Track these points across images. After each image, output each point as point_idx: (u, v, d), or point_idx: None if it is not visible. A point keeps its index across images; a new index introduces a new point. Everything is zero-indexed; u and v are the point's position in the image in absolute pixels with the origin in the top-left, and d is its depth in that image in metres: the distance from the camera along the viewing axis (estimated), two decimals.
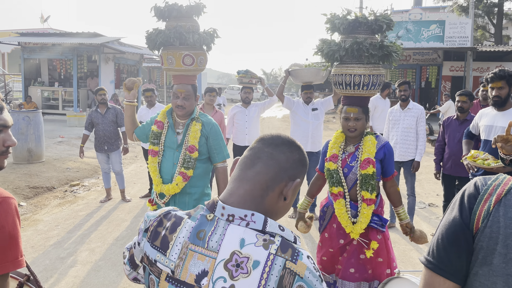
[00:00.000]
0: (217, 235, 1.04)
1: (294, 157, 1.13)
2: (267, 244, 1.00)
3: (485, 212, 0.99)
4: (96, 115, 6.49)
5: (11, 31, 23.81)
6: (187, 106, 2.98)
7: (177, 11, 2.96)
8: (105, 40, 15.89)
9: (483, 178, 1.06)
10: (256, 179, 1.09)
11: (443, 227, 1.06)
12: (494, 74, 3.50)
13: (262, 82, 6.02)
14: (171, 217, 1.14)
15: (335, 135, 3.01)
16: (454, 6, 23.95)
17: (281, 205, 1.12)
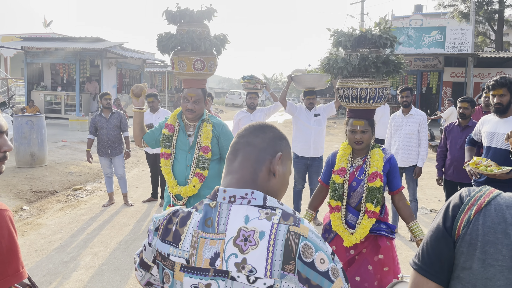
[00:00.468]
0: (223, 218, 1.11)
1: (268, 136, 1.22)
2: (269, 216, 1.08)
3: (466, 221, 1.08)
4: (100, 120, 6.53)
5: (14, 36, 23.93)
6: (197, 109, 3.02)
7: (189, 16, 3.00)
8: (108, 45, 15.98)
9: (468, 190, 1.14)
10: (242, 167, 1.18)
11: (429, 233, 1.16)
12: (496, 82, 3.53)
13: (267, 87, 6.05)
14: (179, 214, 1.20)
15: (342, 147, 3.00)
16: (455, 13, 24.05)
17: (274, 182, 1.20)
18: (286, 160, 1.24)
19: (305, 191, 6.06)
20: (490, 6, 23.30)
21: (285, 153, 1.23)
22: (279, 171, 1.20)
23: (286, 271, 1.02)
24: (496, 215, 1.03)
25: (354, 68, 2.79)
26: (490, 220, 1.03)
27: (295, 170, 5.88)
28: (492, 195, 1.09)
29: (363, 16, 26.62)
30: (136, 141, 3.24)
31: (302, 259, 1.02)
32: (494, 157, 3.53)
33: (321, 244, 1.06)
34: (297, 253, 1.03)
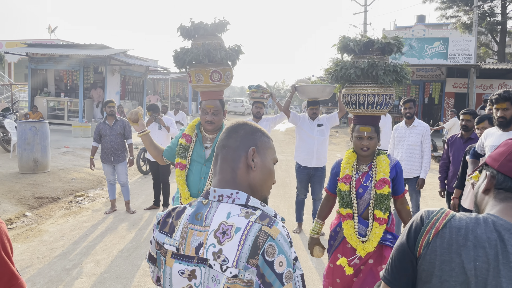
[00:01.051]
0: (211, 214, 1.24)
1: (239, 134, 1.33)
2: (248, 215, 1.20)
3: (425, 242, 1.23)
4: (104, 127, 6.57)
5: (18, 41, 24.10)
6: (216, 121, 3.04)
7: (203, 30, 3.04)
8: (112, 52, 16.07)
9: (427, 212, 1.30)
10: (221, 168, 1.31)
11: (395, 250, 1.32)
12: (499, 96, 3.55)
13: (273, 97, 6.08)
14: (176, 208, 1.34)
15: (347, 155, 3.00)
16: (457, 24, 24.16)
17: (254, 174, 1.31)
18: (264, 150, 1.34)
19: (307, 201, 6.06)
20: (492, 18, 23.41)
21: (260, 144, 1.34)
22: (257, 163, 1.31)
23: (250, 264, 1.13)
24: (450, 237, 1.19)
25: (362, 73, 2.80)
26: (446, 242, 1.19)
27: (298, 179, 5.89)
28: (447, 218, 1.24)
29: (366, 26, 26.73)
30: (158, 159, 3.27)
31: (264, 257, 1.12)
32: None
33: (286, 248, 1.15)
34: (262, 249, 1.13)
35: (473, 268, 1.14)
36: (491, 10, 23.40)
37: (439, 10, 25.67)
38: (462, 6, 24.08)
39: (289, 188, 8.56)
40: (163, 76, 26.13)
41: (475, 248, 1.15)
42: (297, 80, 5.86)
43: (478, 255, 1.14)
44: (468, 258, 1.15)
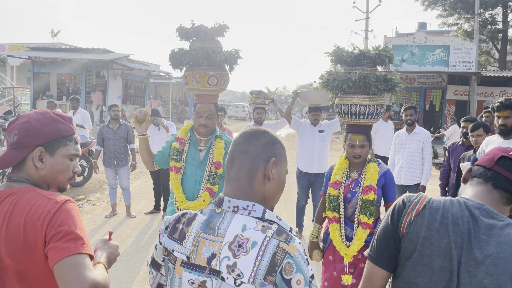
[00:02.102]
0: (224, 224, 1.21)
1: (261, 142, 1.30)
2: (265, 229, 1.18)
3: (408, 222, 1.37)
4: (108, 131, 6.59)
5: (21, 45, 24.23)
6: (209, 125, 3.06)
7: (203, 33, 3.05)
8: (115, 57, 16.14)
9: (408, 196, 1.44)
10: (238, 175, 1.28)
11: (380, 231, 1.45)
12: (500, 104, 3.56)
13: (275, 103, 6.10)
14: (187, 215, 1.32)
15: (339, 161, 3.12)
16: (458, 31, 24.23)
17: (269, 186, 1.29)
18: (281, 162, 1.32)
19: (308, 207, 6.06)
20: (494, 26, 23.48)
21: (279, 156, 1.32)
22: (274, 175, 1.29)
23: (267, 281, 1.11)
24: (429, 216, 1.33)
25: (354, 84, 2.92)
26: (426, 220, 1.33)
27: (299, 185, 5.89)
28: (425, 200, 1.38)
29: (367, 33, 26.84)
30: (148, 165, 3.22)
31: (282, 275, 1.11)
32: None
33: (303, 266, 1.14)
34: (280, 267, 1.12)
35: (450, 242, 1.27)
36: (493, 18, 23.49)
37: (441, 18, 25.75)
38: (464, 14, 24.16)
39: (289, 194, 8.56)
40: (165, 80, 26.20)
41: (451, 225, 1.29)
42: (298, 86, 5.88)
43: (454, 230, 1.28)
44: (446, 234, 1.28)
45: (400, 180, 5.34)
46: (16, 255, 1.37)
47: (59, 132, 1.54)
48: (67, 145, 1.55)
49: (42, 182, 1.53)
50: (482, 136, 4.42)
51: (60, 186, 1.58)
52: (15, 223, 1.37)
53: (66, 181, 1.58)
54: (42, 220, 1.36)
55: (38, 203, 1.40)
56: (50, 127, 1.52)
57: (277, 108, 6.12)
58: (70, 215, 1.39)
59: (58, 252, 1.31)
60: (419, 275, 1.31)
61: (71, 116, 1.64)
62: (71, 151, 1.56)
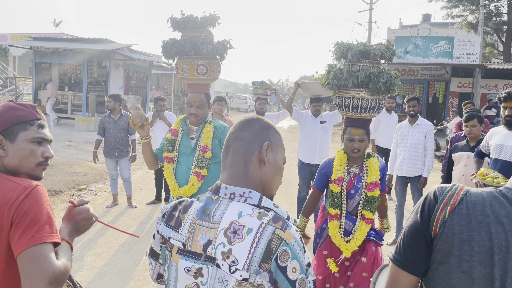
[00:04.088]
0: (220, 210, 1.20)
1: (254, 128, 1.29)
2: (261, 215, 1.16)
3: (441, 220, 1.17)
4: (109, 121, 6.56)
5: (23, 35, 24.15)
6: (200, 114, 3.07)
7: (192, 23, 3.07)
8: (116, 47, 16.07)
9: (441, 188, 1.23)
10: (233, 162, 1.27)
11: (407, 229, 1.24)
12: (508, 94, 3.52)
13: (277, 93, 6.06)
14: (183, 202, 1.31)
15: (339, 157, 3.07)
16: (463, 23, 24.02)
17: (266, 170, 1.27)
18: (276, 147, 1.31)
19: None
20: (498, 17, 23.27)
21: (274, 140, 1.30)
22: (270, 159, 1.27)
23: (262, 269, 1.10)
24: (467, 213, 1.13)
25: (359, 81, 2.90)
26: (463, 219, 1.13)
27: (300, 176, 5.87)
28: (462, 193, 1.18)
29: (371, 24, 26.63)
30: (151, 166, 3.21)
31: (277, 262, 1.09)
32: (501, 170, 3.51)
33: (299, 253, 1.12)
34: (275, 254, 1.10)
35: (493, 246, 1.08)
36: (497, 10, 23.27)
37: (445, 9, 25.55)
38: (468, 5, 23.93)
39: (291, 185, 8.55)
40: (167, 71, 26.12)
41: (494, 224, 1.09)
42: (300, 76, 5.83)
43: (497, 231, 1.08)
44: (488, 236, 1.09)
45: (402, 171, 5.31)
46: None
47: (17, 118, 1.53)
48: (27, 129, 1.54)
49: (8, 170, 1.52)
50: (476, 126, 4.42)
51: (30, 173, 1.55)
52: None
53: (35, 167, 1.56)
54: (9, 206, 1.36)
55: (6, 188, 1.40)
56: (6, 114, 1.53)
57: (279, 99, 6.08)
58: (37, 202, 1.38)
59: (21, 242, 1.31)
60: (456, 284, 1.13)
61: (34, 104, 1.65)
62: (33, 135, 1.54)
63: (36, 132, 1.56)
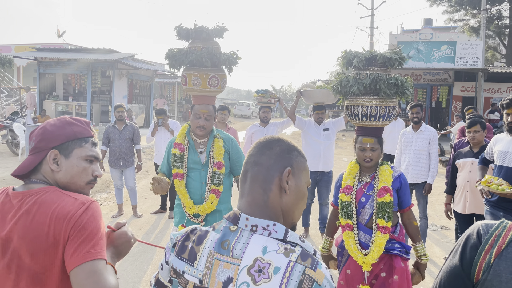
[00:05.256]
0: (240, 244, 1.09)
1: (275, 151, 1.18)
2: (288, 252, 1.05)
3: (485, 265, 1.01)
4: (113, 131, 6.60)
5: (27, 46, 24.37)
6: (207, 126, 3.03)
7: (206, 33, 3.05)
8: (120, 57, 16.19)
9: (485, 225, 1.07)
10: (252, 189, 1.17)
11: (445, 273, 1.10)
12: (510, 101, 3.52)
13: (281, 102, 6.09)
14: (197, 232, 1.20)
15: (350, 166, 2.98)
16: (465, 27, 24.05)
17: (287, 198, 1.16)
18: (299, 172, 1.20)
19: (314, 206, 6.05)
20: (500, 21, 23.27)
21: (296, 165, 1.19)
22: (291, 186, 1.17)
23: None
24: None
25: (365, 87, 2.83)
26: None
27: None
28: (511, 233, 1.02)
29: (372, 29, 26.70)
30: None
31: None
32: (506, 177, 3.51)
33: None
34: None
35: None
36: (499, 13, 23.27)
37: (446, 14, 25.57)
38: (470, 9, 23.96)
39: None
40: (170, 80, 26.24)
41: None
42: (302, 84, 5.86)
43: None
44: None
45: (407, 178, 5.30)
46: (37, 255, 1.36)
47: (73, 134, 1.52)
48: (82, 147, 1.53)
49: (59, 185, 1.50)
50: (479, 132, 4.42)
51: (80, 191, 1.54)
52: (40, 221, 1.36)
53: (85, 185, 1.55)
54: (68, 220, 1.35)
55: (64, 202, 1.39)
56: (63, 130, 1.52)
57: (283, 107, 6.11)
58: (95, 218, 1.38)
59: (77, 256, 1.30)
60: None
61: (89, 120, 1.65)
62: (87, 153, 1.54)
63: (90, 150, 1.55)
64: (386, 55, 2.87)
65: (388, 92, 2.79)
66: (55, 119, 1.56)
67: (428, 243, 5.59)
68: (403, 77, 2.97)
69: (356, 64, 2.88)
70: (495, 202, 3.63)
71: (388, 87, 2.78)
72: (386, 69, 2.92)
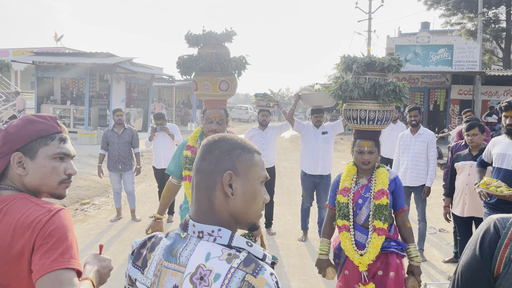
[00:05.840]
0: (187, 251, 1.06)
1: (214, 155, 1.12)
2: (230, 258, 1.02)
3: (506, 259, 1.02)
4: (112, 135, 6.60)
5: (25, 50, 24.35)
6: (220, 130, 3.08)
7: (215, 39, 3.11)
8: (118, 61, 16.20)
9: (502, 219, 1.09)
10: (197, 197, 1.13)
11: (465, 268, 1.10)
12: (508, 103, 3.54)
13: (279, 105, 6.12)
14: (152, 238, 1.17)
15: (347, 168, 3.05)
16: (462, 31, 24.16)
17: (235, 202, 1.10)
18: (245, 171, 1.12)
19: (313, 209, 6.05)
20: (497, 24, 23.40)
21: (239, 165, 1.11)
22: (236, 189, 1.10)
23: None
24: None
25: (364, 92, 2.90)
26: None
27: (303, 188, 5.88)
28: None
29: (370, 33, 26.79)
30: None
31: None
32: (504, 179, 3.52)
33: None
34: None
35: None
36: (496, 17, 23.40)
37: (444, 17, 25.70)
38: (467, 13, 24.09)
39: (294, 196, 8.55)
40: (168, 83, 26.28)
41: None
42: (300, 88, 5.88)
43: None
44: None
45: (405, 181, 5.32)
46: (1, 267, 1.28)
47: (36, 133, 1.41)
48: (48, 145, 1.42)
49: (29, 189, 1.41)
50: (478, 135, 4.44)
51: (53, 192, 1.45)
52: (4, 231, 1.28)
53: (57, 185, 1.45)
54: (32, 228, 1.26)
55: (29, 211, 1.30)
56: (25, 130, 1.41)
57: (281, 111, 6.13)
58: (62, 225, 1.29)
59: (43, 265, 1.21)
60: None
61: (55, 115, 1.53)
62: (54, 150, 1.42)
63: (57, 147, 1.44)
64: (385, 62, 2.93)
65: (387, 100, 2.86)
66: (17, 120, 1.46)
67: (426, 246, 5.59)
68: (401, 81, 3.02)
69: (356, 69, 2.94)
70: (494, 204, 3.64)
71: (386, 94, 2.85)
72: (384, 74, 2.99)
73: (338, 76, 3.13)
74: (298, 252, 5.46)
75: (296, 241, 5.88)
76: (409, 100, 19.53)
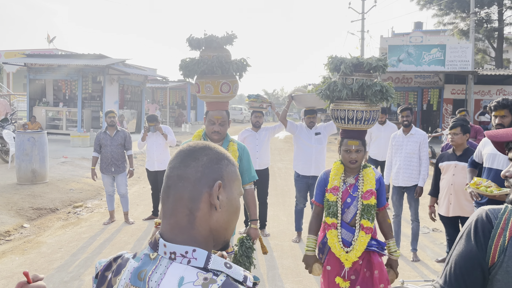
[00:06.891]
0: (157, 274, 0.94)
1: (202, 162, 1.01)
2: (207, 283, 0.90)
3: (500, 247, 1.04)
4: (105, 137, 6.56)
5: (17, 51, 24.19)
6: (222, 131, 3.15)
7: (216, 42, 3.18)
8: (111, 62, 16.12)
9: (493, 210, 1.10)
10: (175, 209, 0.99)
11: (459, 257, 1.09)
12: (498, 103, 3.57)
13: (273, 106, 6.11)
14: (118, 260, 1.07)
15: (336, 167, 3.10)
16: (454, 30, 24.29)
17: (218, 216, 1.00)
18: (230, 183, 1.03)
19: (306, 210, 6.05)
20: (489, 24, 23.54)
21: (227, 176, 1.03)
22: (223, 202, 1.00)
23: None
24: None
25: (352, 93, 2.96)
26: None
27: (297, 189, 5.88)
28: None
29: (363, 33, 26.88)
30: None
31: None
32: (495, 179, 3.54)
33: None
34: None
35: None
36: (488, 17, 23.54)
37: (436, 17, 25.82)
38: (459, 13, 24.22)
39: (288, 197, 8.54)
40: (162, 84, 26.21)
41: None
42: (294, 89, 5.88)
43: None
44: None
45: (398, 181, 5.34)
46: None
47: None
48: None
49: None
50: (458, 135, 4.49)
51: None
52: None
53: None
54: None
55: None
56: None
57: (274, 112, 6.13)
58: None
59: None
60: None
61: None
62: None
63: None
64: (372, 63, 2.99)
65: (374, 100, 2.92)
66: None
67: (419, 245, 5.60)
68: (394, 81, 3.06)
69: (343, 69, 3.00)
70: (485, 204, 3.65)
71: (374, 94, 2.91)
72: (371, 74, 3.06)
73: (326, 76, 3.17)
74: (292, 253, 5.45)
75: (290, 242, 5.87)
76: (402, 100, 19.62)
